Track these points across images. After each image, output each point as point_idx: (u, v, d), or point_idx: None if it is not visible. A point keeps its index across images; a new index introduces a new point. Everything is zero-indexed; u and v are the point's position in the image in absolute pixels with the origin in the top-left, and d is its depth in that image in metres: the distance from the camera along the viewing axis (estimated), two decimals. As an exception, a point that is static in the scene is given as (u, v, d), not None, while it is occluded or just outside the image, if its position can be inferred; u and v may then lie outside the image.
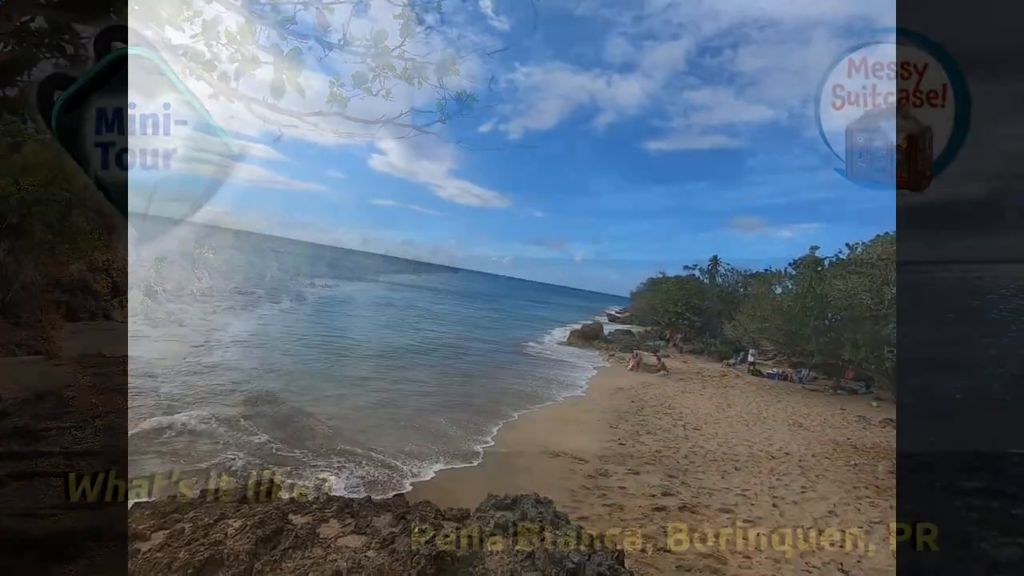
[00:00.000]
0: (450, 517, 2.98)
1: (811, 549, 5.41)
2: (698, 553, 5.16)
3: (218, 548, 2.39)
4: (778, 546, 5.42)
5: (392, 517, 2.83)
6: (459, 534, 2.42)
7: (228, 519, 2.66)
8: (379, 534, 2.60)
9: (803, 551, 5.34)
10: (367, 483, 6.26)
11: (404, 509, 2.94)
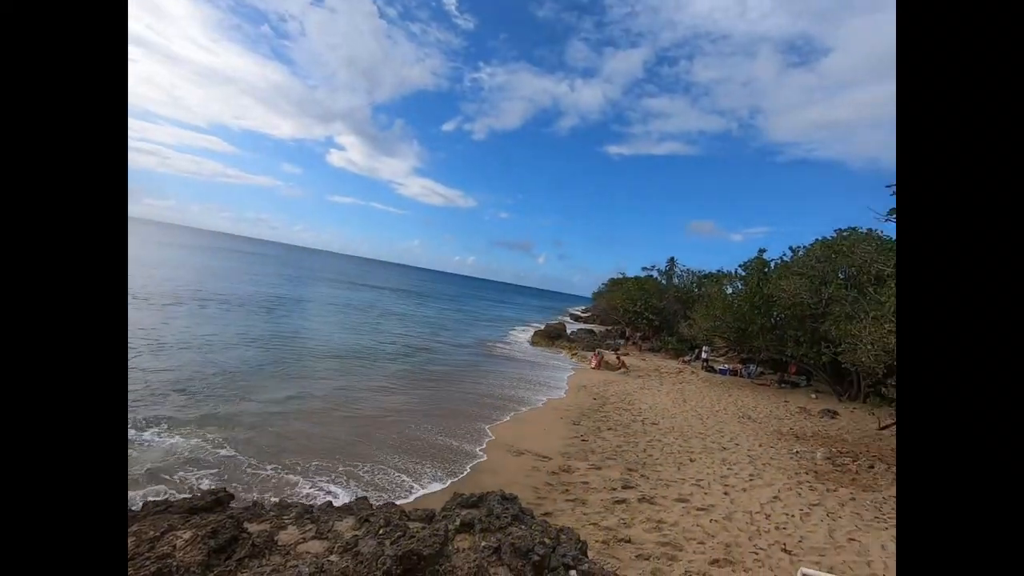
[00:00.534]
0: (416, 518, 2.95)
1: (758, 532, 5.78)
2: (656, 542, 5.38)
3: (166, 562, 2.25)
4: (729, 531, 5.75)
5: (355, 520, 2.76)
6: (425, 533, 2.41)
7: (177, 531, 2.51)
8: (342, 538, 2.54)
9: (751, 534, 5.70)
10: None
11: (368, 512, 2.88)
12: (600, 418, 11.34)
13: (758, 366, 21.11)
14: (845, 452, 9.74)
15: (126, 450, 2.66)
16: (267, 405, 9.27)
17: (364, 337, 19.39)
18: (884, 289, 10.03)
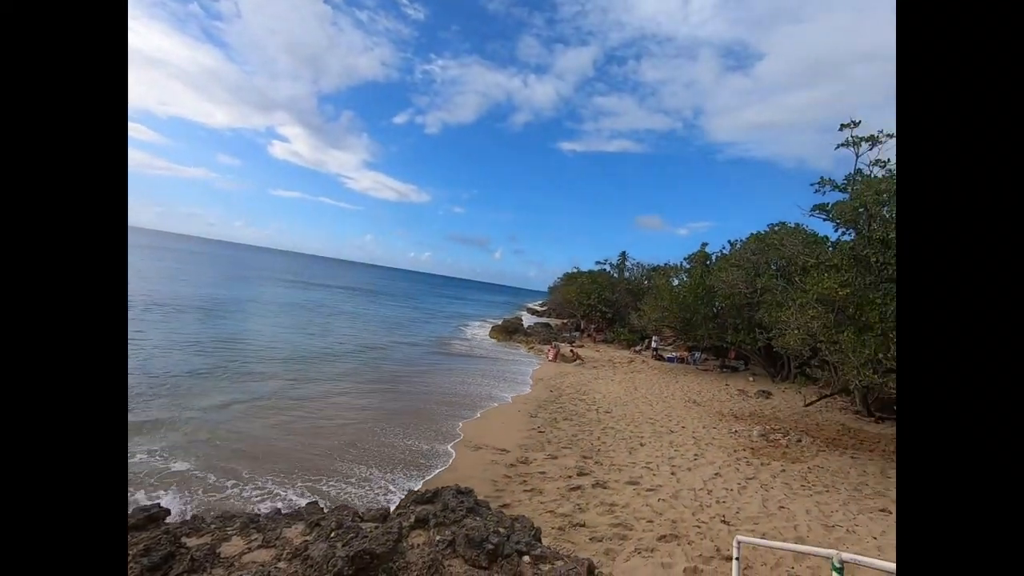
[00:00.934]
0: (370, 518, 2.91)
1: (701, 507, 6.21)
2: (608, 524, 5.64)
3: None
4: (675, 508, 6.13)
5: (305, 526, 2.69)
6: (378, 532, 2.39)
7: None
8: (291, 544, 2.46)
9: (694, 510, 6.11)
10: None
11: (319, 516, 2.81)
12: (556, 409, 11.62)
13: (702, 353, 22.45)
14: (777, 429, 10.62)
15: (126, 450, 2.53)
16: (212, 413, 8.69)
17: (315, 339, 18.59)
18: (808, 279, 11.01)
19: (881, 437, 10.34)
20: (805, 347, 10.73)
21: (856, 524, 5.93)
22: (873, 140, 11.43)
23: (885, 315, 8.32)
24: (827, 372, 11.35)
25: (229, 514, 3.05)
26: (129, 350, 12.09)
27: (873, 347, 8.32)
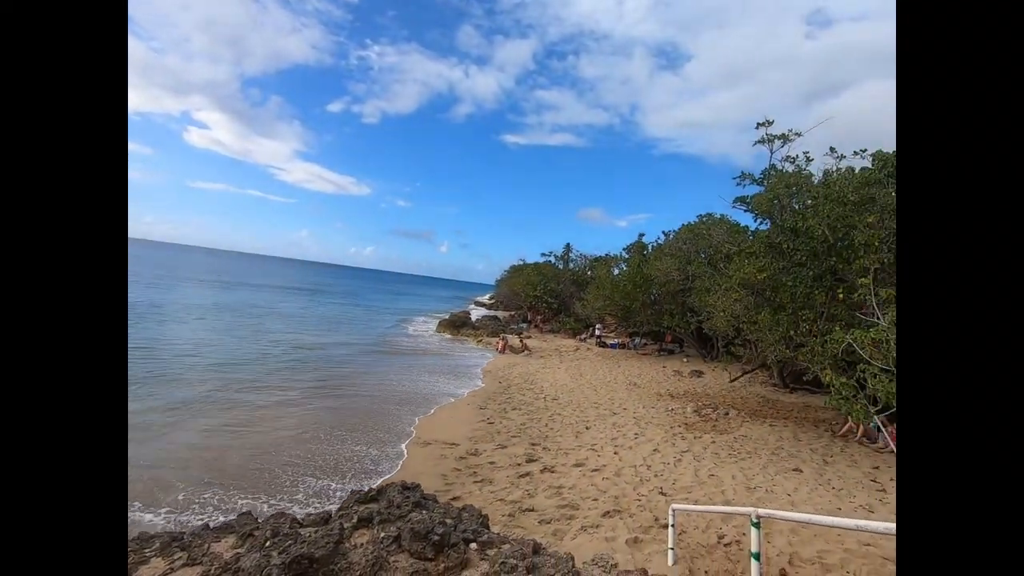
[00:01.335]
0: (309, 523, 2.79)
1: (641, 482, 6.60)
2: (556, 506, 5.84)
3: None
4: (618, 485, 6.47)
5: (236, 538, 2.52)
6: (317, 535, 2.31)
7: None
8: (220, 559, 2.30)
9: (635, 485, 6.49)
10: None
11: (252, 526, 2.65)
12: (505, 400, 11.76)
13: (642, 338, 23.71)
14: (708, 404, 11.51)
15: (126, 450, 2.20)
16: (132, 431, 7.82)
17: (246, 343, 17.28)
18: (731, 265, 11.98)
19: (794, 406, 11.55)
20: (730, 328, 11.70)
21: (774, 484, 6.60)
22: (784, 138, 12.62)
23: (795, 296, 9.28)
24: (748, 350, 12.46)
25: (147, 534, 2.79)
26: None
27: (785, 325, 9.25)
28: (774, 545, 4.74)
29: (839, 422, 9.41)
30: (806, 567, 4.42)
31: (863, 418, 6.42)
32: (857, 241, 7.87)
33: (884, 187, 8.03)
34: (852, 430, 8.86)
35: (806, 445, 8.43)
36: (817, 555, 4.60)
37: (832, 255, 9.06)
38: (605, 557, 3.10)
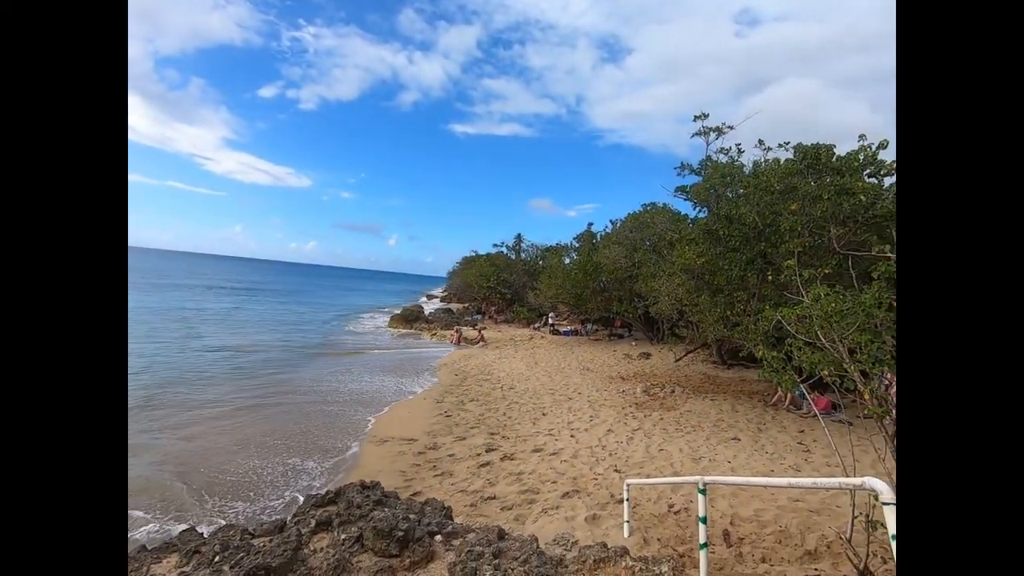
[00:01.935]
0: (262, 533, 2.65)
1: (597, 462, 6.88)
2: (517, 492, 5.95)
3: None
4: (575, 467, 6.70)
5: (180, 556, 2.34)
6: (273, 545, 2.19)
7: None
8: (163, 580, 2.13)
9: (591, 465, 6.75)
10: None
11: (198, 542, 2.47)
12: (462, 392, 11.74)
13: (593, 324, 24.51)
14: (656, 384, 12.16)
15: (125, 450, 1.98)
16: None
17: (174, 351, 15.88)
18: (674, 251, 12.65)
19: (732, 380, 12.49)
20: (674, 311, 12.39)
21: (716, 453, 7.14)
22: (719, 131, 13.44)
23: (731, 279, 9.99)
24: (691, 331, 13.27)
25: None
26: None
27: (723, 306, 9.94)
28: (717, 508, 5.14)
29: (770, 393, 10.31)
30: (745, 525, 4.84)
31: (790, 387, 7.08)
32: (783, 227, 8.59)
33: (805, 177, 8.81)
34: (781, 399, 9.75)
35: (743, 416, 9.18)
36: (754, 513, 5.04)
37: (762, 240, 9.82)
38: (566, 536, 3.22)
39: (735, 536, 4.62)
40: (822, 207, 8.07)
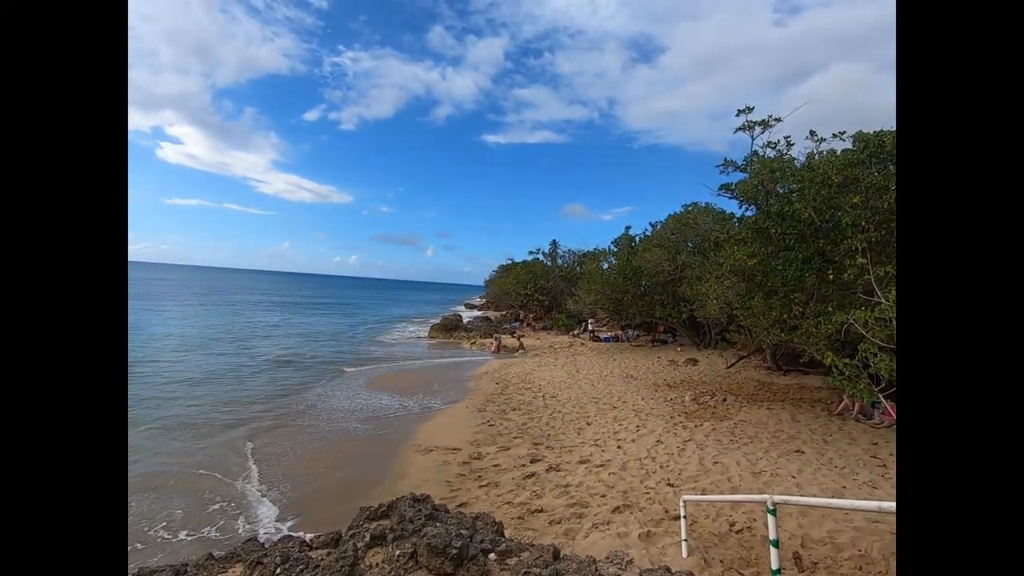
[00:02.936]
0: (319, 545, 2.68)
1: (647, 474, 6.59)
2: (565, 505, 5.78)
3: None
4: (625, 479, 6.44)
5: (244, 567, 2.40)
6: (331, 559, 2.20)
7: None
8: (229, 591, 2.19)
9: (642, 478, 6.47)
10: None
11: (260, 553, 2.53)
12: (504, 401, 11.68)
13: (635, 330, 23.84)
14: (705, 392, 11.59)
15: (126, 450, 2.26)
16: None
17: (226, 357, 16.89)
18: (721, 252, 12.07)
19: (789, 388, 11.70)
20: (723, 315, 11.79)
21: (778, 467, 6.65)
22: (765, 124, 12.76)
23: (786, 279, 9.37)
24: (743, 335, 12.58)
25: (148, 569, 2.65)
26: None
27: (778, 309, 9.34)
28: (785, 528, 4.75)
29: (834, 401, 9.55)
30: (818, 548, 4.43)
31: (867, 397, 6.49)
32: (844, 222, 7.96)
33: (867, 168, 8.15)
34: (848, 408, 8.99)
35: (805, 426, 8.53)
36: (828, 535, 4.62)
37: (819, 237, 9.16)
38: (620, 554, 3.04)
39: (807, 560, 4.24)
40: (889, 198, 7.42)
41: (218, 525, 5.76)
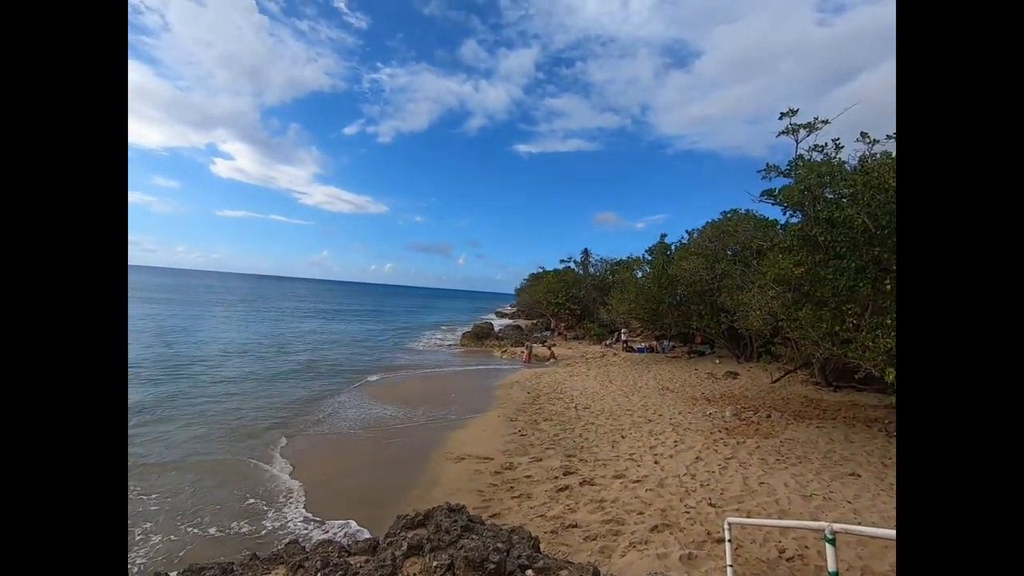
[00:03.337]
0: (357, 551, 2.70)
1: (687, 492, 6.30)
2: (600, 521, 5.60)
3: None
4: (663, 497, 6.18)
5: (287, 569, 2.45)
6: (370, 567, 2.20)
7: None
8: (272, 593, 2.23)
9: (681, 496, 6.19)
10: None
11: (301, 557, 2.57)
12: (535, 411, 11.55)
13: (670, 341, 23.11)
14: (748, 407, 11.04)
15: (126, 450, 2.36)
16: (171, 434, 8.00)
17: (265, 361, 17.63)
18: (764, 261, 11.53)
19: (841, 405, 10.96)
20: (767, 326, 11.22)
21: (831, 491, 6.20)
22: (810, 127, 12.17)
23: (837, 290, 8.82)
24: (789, 348, 11.93)
25: (198, 566, 2.75)
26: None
27: (829, 321, 8.79)
28: (842, 558, 4.41)
29: (893, 421, 8.85)
30: (881, 583, 4.08)
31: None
32: (902, 228, 7.41)
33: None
34: (909, 429, 8.30)
35: (860, 447, 7.94)
36: (892, 568, 4.24)
37: (875, 244, 8.58)
38: (664, 578, 2.90)
39: (869, 595, 3.91)
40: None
41: (248, 519, 5.96)
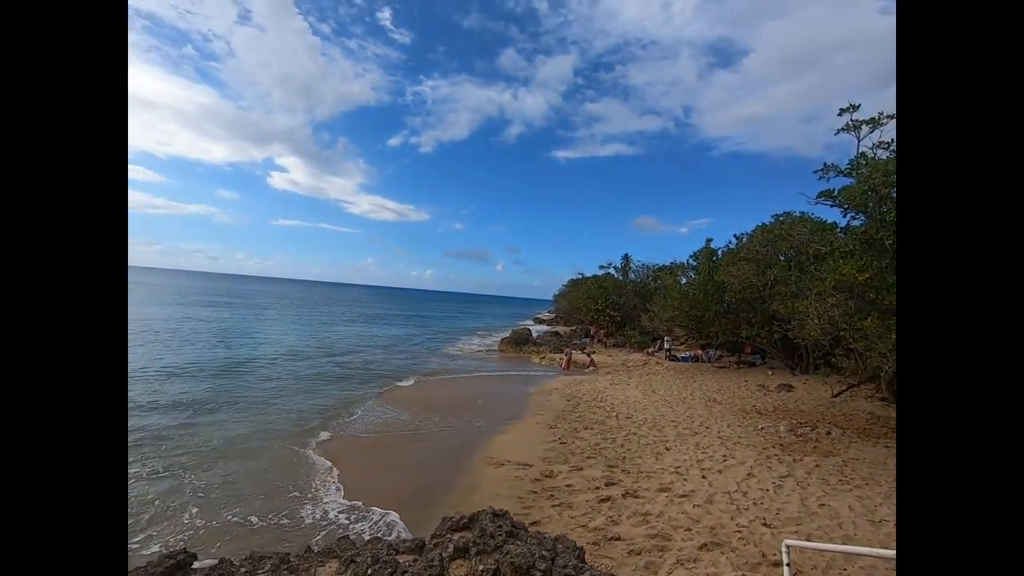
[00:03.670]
0: (405, 550, 2.76)
1: (738, 511, 5.97)
2: (645, 535, 5.41)
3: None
4: (712, 514, 5.89)
5: (339, 563, 2.55)
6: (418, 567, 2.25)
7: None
8: (326, 585, 2.33)
9: (732, 514, 5.87)
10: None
11: (352, 552, 2.67)
12: (575, 419, 11.39)
13: (717, 350, 22.11)
14: (804, 422, 10.33)
15: (126, 450, 2.53)
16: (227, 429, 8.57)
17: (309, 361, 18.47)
18: (823, 266, 10.80)
19: (913, 424, 10.02)
20: (826, 336, 10.48)
21: (903, 518, 5.67)
22: (874, 123, 11.32)
23: (907, 298, 8.11)
24: (852, 360, 11.08)
25: (258, 555, 2.91)
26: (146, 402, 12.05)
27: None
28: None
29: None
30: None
31: None
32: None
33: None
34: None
35: (937, 471, 7.22)
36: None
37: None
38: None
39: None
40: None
41: (287, 512, 6.22)
